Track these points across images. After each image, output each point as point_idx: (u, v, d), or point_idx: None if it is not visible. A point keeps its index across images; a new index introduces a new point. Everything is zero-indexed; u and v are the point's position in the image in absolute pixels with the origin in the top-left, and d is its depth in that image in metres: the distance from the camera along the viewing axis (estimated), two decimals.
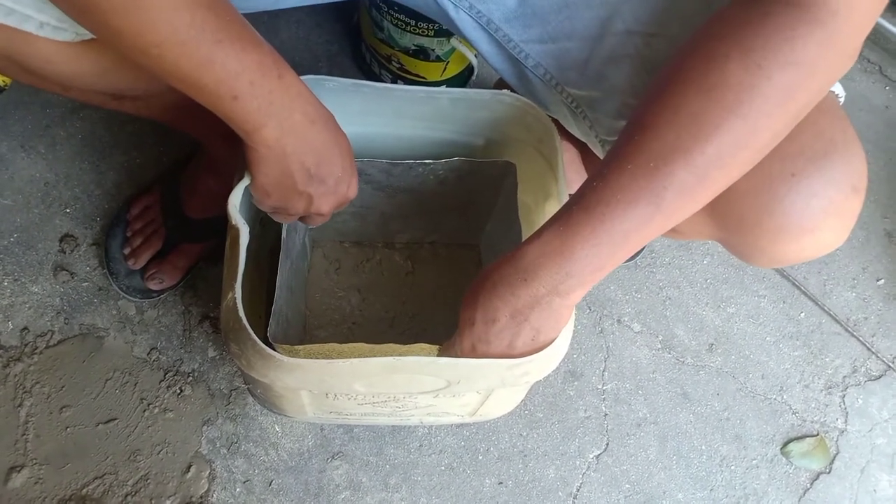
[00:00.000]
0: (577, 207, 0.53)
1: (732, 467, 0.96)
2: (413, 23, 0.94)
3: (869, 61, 1.28)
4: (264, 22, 1.14)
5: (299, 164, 0.58)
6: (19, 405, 0.87)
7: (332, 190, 0.62)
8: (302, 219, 0.68)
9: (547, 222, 0.56)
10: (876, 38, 1.27)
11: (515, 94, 0.74)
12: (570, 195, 0.71)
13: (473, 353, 0.61)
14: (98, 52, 0.60)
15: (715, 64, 0.49)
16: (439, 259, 0.99)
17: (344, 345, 0.65)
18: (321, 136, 0.58)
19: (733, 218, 0.59)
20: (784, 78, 0.48)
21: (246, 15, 0.77)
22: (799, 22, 0.48)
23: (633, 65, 0.64)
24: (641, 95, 0.58)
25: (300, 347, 0.65)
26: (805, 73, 0.49)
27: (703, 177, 0.51)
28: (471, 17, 0.72)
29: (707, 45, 0.51)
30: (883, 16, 1.24)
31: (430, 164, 0.79)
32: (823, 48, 0.49)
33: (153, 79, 0.73)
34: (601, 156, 0.70)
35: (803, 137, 0.56)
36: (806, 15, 0.48)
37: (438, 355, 0.65)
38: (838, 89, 0.61)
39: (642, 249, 1.05)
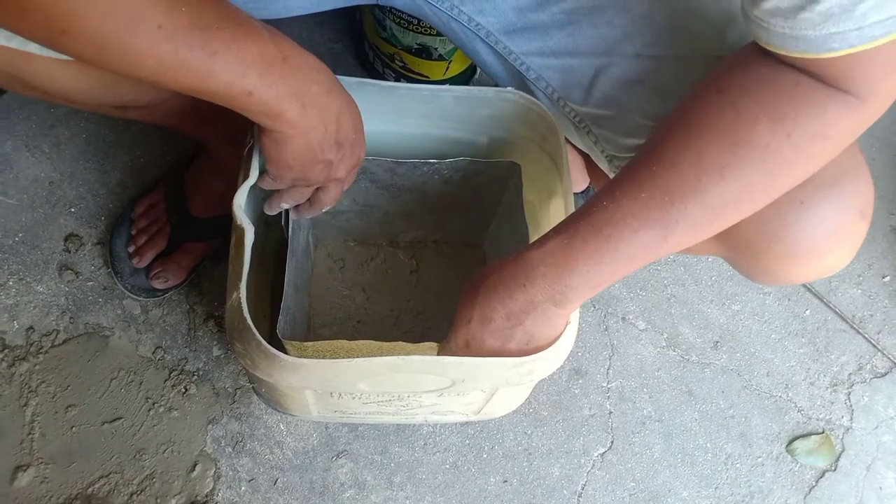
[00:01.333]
0: (585, 223, 0.54)
1: (738, 465, 0.96)
2: (416, 21, 0.94)
3: None
4: (266, 22, 1.14)
5: (322, 133, 0.57)
6: (25, 404, 0.87)
7: (349, 153, 0.62)
8: (317, 192, 0.67)
9: (553, 231, 0.56)
10: None
11: (520, 92, 0.74)
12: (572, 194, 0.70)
13: (467, 350, 0.62)
14: (100, 69, 0.60)
15: (743, 123, 0.50)
16: (443, 257, 0.99)
17: (352, 342, 0.65)
18: (337, 102, 0.58)
19: (741, 242, 0.59)
20: (811, 149, 0.50)
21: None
22: (831, 100, 0.49)
23: (645, 89, 0.64)
24: (660, 120, 0.58)
25: (309, 344, 0.65)
26: (831, 145, 0.51)
27: (717, 217, 0.52)
28: (470, 29, 0.72)
29: (736, 100, 0.51)
30: None
31: (434, 163, 0.79)
32: (851, 126, 0.50)
33: (157, 91, 0.73)
34: (606, 168, 0.70)
35: None
36: (836, 94, 0.49)
37: (438, 353, 0.65)
38: None
39: None
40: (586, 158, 0.92)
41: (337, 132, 0.59)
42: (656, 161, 0.52)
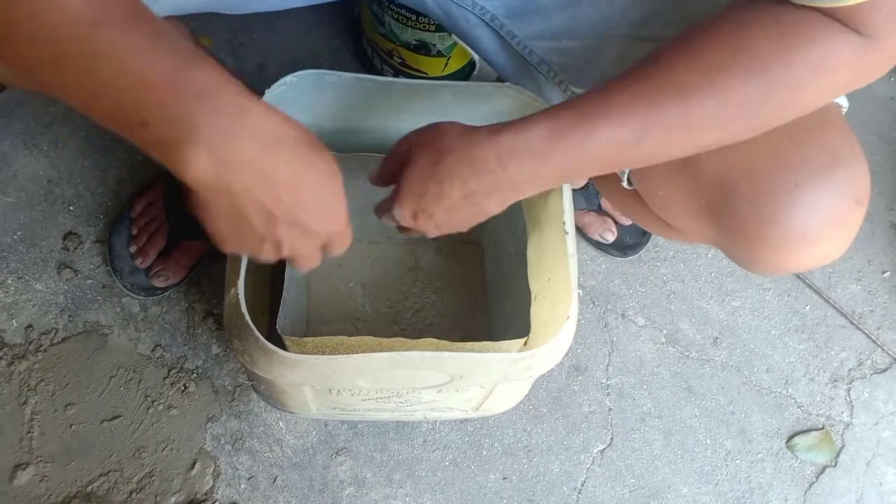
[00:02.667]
0: (569, 112, 0.52)
1: (737, 461, 0.96)
2: (414, 17, 0.94)
3: None
4: (264, 18, 1.14)
5: (253, 204, 0.46)
6: (24, 403, 0.87)
7: (308, 231, 0.50)
8: (288, 262, 0.56)
9: (537, 118, 0.53)
10: None
11: (518, 87, 0.74)
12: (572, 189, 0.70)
13: (412, 220, 0.59)
14: None
15: (745, 44, 0.49)
16: (442, 254, 0.99)
17: (352, 338, 0.65)
18: (285, 167, 0.46)
19: (736, 226, 0.59)
20: (808, 81, 0.49)
21: (247, 13, 0.77)
22: (837, 34, 0.48)
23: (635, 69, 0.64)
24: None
25: (308, 340, 0.65)
26: (829, 83, 0.50)
27: (693, 129, 0.51)
28: (474, 14, 0.72)
29: (742, 24, 0.50)
30: None
31: None
32: (853, 65, 0.49)
33: None
34: None
35: (809, 148, 0.56)
36: (843, 29, 0.48)
37: (377, 213, 0.62)
38: (842, 100, 0.60)
39: (645, 243, 1.05)
40: None
41: (279, 203, 0.46)
42: (652, 61, 0.52)
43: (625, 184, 0.69)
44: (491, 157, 0.53)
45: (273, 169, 0.45)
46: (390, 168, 0.61)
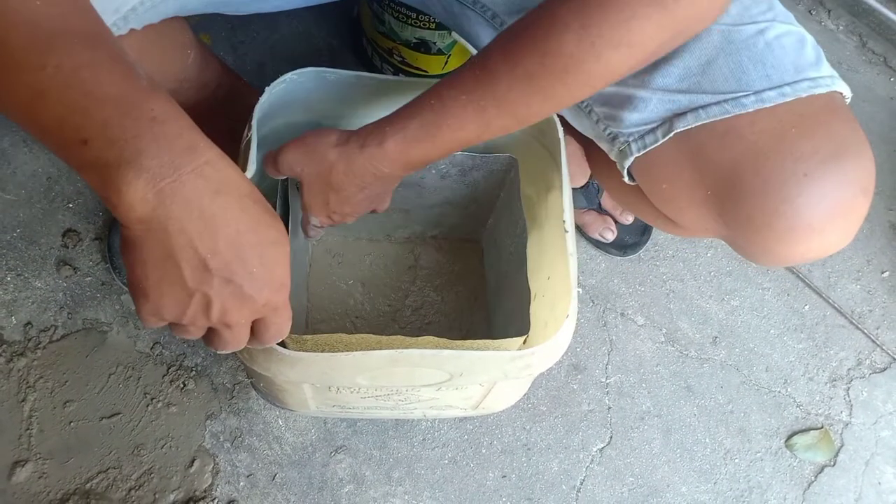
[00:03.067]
0: (416, 123, 0.58)
1: (736, 460, 0.96)
2: (414, 15, 0.94)
3: (874, 52, 1.28)
4: (264, 17, 1.14)
5: (187, 247, 0.41)
6: (23, 400, 0.87)
7: (243, 294, 0.45)
8: (208, 341, 0.49)
9: (388, 125, 0.60)
10: (881, 28, 1.26)
11: None
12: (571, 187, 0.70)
13: (329, 221, 0.68)
14: None
15: (555, 31, 0.52)
16: (442, 253, 0.99)
17: (351, 336, 0.65)
18: (229, 213, 0.42)
19: (742, 217, 0.59)
20: (613, 57, 0.52)
21: (246, 14, 0.77)
22: (640, 3, 0.50)
23: None
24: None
25: (308, 337, 0.65)
26: (636, 53, 0.52)
27: (526, 121, 0.57)
28: (475, 11, 0.72)
29: (553, 9, 0.53)
30: (887, 6, 1.23)
31: None
32: (660, 31, 0.52)
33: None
34: (607, 149, 0.70)
35: (816, 138, 0.56)
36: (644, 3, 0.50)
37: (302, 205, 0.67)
38: (844, 89, 0.60)
39: (644, 242, 1.05)
40: (586, 149, 0.91)
41: (216, 253, 0.42)
42: (480, 66, 0.56)
43: (626, 179, 0.69)
44: (366, 165, 0.61)
45: (217, 215, 0.42)
46: (273, 169, 0.66)
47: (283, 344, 0.62)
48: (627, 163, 0.67)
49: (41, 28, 0.38)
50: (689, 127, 0.60)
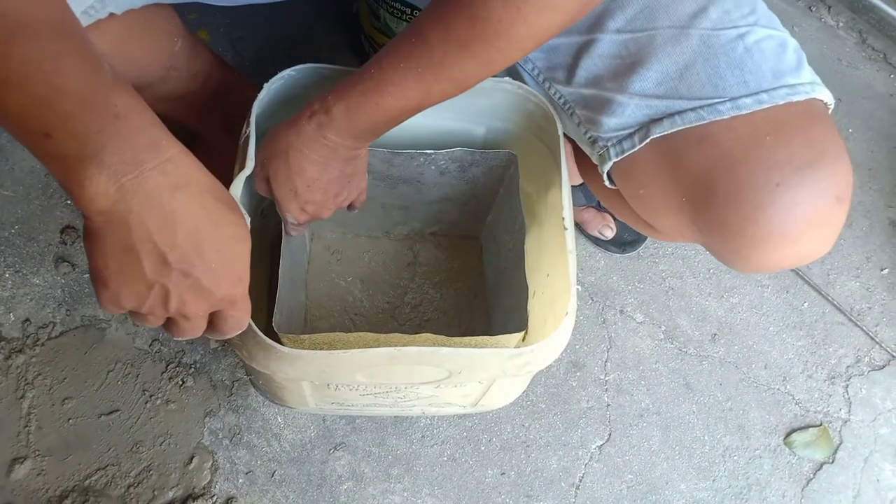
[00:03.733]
0: (358, 91, 0.58)
1: (735, 458, 0.96)
2: (409, 11, 0.93)
3: (873, 49, 1.28)
4: (263, 13, 1.13)
5: (147, 241, 0.43)
6: (21, 397, 0.87)
7: (201, 287, 0.47)
8: (166, 328, 0.51)
9: (331, 94, 0.60)
10: (881, 25, 1.26)
11: (517, 83, 0.73)
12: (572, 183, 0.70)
13: (305, 215, 0.67)
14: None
15: (487, 4, 0.53)
16: (441, 249, 0.98)
17: (349, 334, 0.65)
18: (190, 211, 0.44)
19: (716, 224, 0.59)
20: (539, 20, 0.53)
21: (243, 6, 0.77)
22: None
23: (625, 64, 0.64)
24: None
25: (305, 337, 0.65)
26: (560, 14, 0.53)
27: (464, 85, 0.58)
28: None
29: None
30: (887, 2, 1.23)
31: (431, 154, 0.78)
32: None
33: (149, 74, 0.72)
34: (589, 151, 0.70)
35: (792, 145, 0.56)
36: None
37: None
38: (825, 96, 0.60)
39: (643, 240, 1.05)
40: (574, 150, 0.92)
41: (174, 248, 0.44)
42: (416, 34, 0.56)
43: (606, 183, 0.69)
44: (314, 134, 0.60)
45: (177, 210, 0.44)
46: (262, 187, 0.67)
47: (279, 342, 0.62)
48: (606, 167, 0.67)
49: (6, 17, 0.38)
50: (666, 133, 0.60)
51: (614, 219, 1.02)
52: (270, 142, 0.64)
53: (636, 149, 0.63)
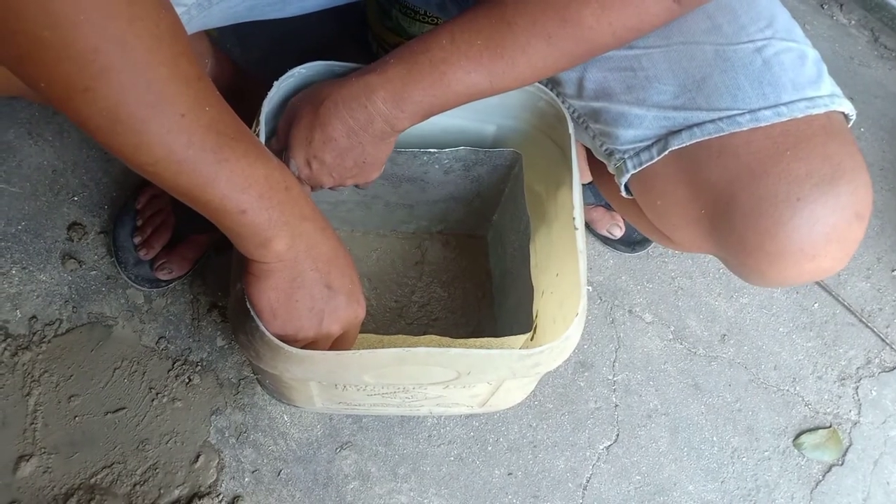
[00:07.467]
0: (424, 58, 0.57)
1: (744, 459, 0.95)
2: (422, 11, 0.93)
3: (886, 47, 1.26)
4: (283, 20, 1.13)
5: (313, 271, 0.56)
6: (28, 394, 0.87)
7: (344, 305, 0.60)
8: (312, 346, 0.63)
9: (394, 58, 0.59)
10: (893, 23, 1.25)
11: None
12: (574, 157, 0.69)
13: (307, 169, 0.64)
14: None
15: (575, 3, 0.55)
16: (449, 248, 0.98)
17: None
18: (330, 243, 0.58)
19: (734, 238, 0.58)
20: (626, 36, 0.57)
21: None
22: (653, 3, 0.55)
23: (637, 77, 0.63)
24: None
25: None
26: (643, 33, 0.57)
27: (538, 74, 0.59)
28: None
29: None
30: None
31: (434, 153, 0.78)
32: (668, 14, 0.56)
33: None
34: (607, 166, 0.69)
35: (812, 161, 0.55)
36: None
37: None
38: (846, 108, 0.59)
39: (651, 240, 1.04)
40: (588, 155, 0.91)
41: (330, 274, 0.58)
42: (497, 15, 0.56)
43: (623, 193, 0.69)
44: (361, 94, 0.59)
45: (323, 244, 0.56)
46: (282, 130, 0.65)
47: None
48: (624, 179, 0.66)
49: (222, 124, 0.48)
50: (684, 145, 0.60)
51: (623, 218, 1.02)
52: (309, 89, 0.64)
53: (654, 161, 0.62)
